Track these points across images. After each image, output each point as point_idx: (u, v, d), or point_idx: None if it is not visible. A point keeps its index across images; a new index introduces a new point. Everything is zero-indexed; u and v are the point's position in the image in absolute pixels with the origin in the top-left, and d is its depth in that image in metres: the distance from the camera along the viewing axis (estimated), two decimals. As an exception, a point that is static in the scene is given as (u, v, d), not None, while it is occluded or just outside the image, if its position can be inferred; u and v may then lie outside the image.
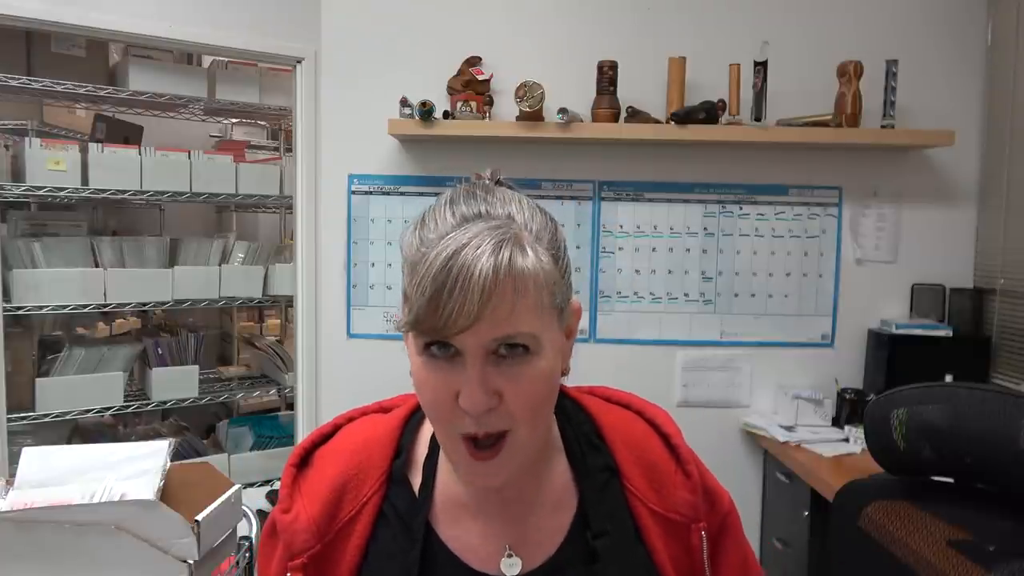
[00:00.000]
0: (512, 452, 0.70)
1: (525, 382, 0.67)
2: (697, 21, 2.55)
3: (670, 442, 0.83)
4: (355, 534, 0.76)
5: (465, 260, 0.63)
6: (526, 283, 0.66)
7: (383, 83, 2.53)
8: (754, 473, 2.63)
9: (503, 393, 0.67)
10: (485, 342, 0.65)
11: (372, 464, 0.79)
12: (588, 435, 0.82)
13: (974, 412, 1.17)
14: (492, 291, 0.63)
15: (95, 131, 3.14)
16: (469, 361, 0.66)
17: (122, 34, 2.42)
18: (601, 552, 0.75)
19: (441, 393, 0.68)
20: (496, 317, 0.64)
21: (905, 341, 2.44)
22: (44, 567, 0.96)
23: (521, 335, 0.66)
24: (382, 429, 0.82)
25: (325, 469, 0.79)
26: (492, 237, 0.65)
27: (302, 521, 0.76)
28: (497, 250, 0.64)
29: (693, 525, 0.79)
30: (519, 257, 0.65)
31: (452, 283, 0.63)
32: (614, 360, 2.59)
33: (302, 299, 2.67)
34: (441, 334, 0.65)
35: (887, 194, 2.59)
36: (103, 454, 1.10)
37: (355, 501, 0.77)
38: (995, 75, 2.53)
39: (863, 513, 1.27)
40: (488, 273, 0.63)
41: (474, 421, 0.67)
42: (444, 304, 0.63)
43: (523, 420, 0.69)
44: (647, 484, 0.79)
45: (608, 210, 2.60)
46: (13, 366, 2.48)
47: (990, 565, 1.04)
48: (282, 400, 3.66)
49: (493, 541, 0.77)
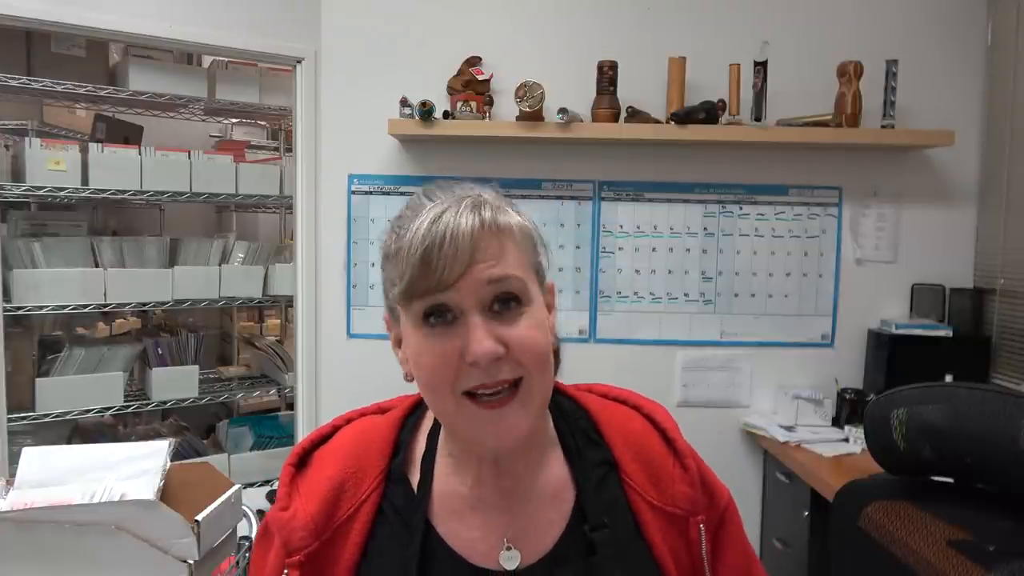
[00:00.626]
0: (527, 401, 0.71)
1: (525, 328, 0.71)
2: (697, 21, 2.55)
3: (667, 436, 0.84)
4: (353, 532, 0.76)
5: (449, 220, 0.69)
6: (511, 233, 0.73)
7: (383, 83, 2.53)
8: (754, 473, 2.63)
9: (507, 342, 0.69)
10: (480, 292, 0.69)
11: (370, 463, 0.79)
12: (585, 430, 0.83)
13: (974, 412, 1.17)
14: (480, 238, 0.69)
15: (95, 131, 3.14)
16: (469, 316, 0.69)
17: (122, 34, 2.42)
18: (599, 545, 0.76)
19: (444, 357, 0.70)
20: (487, 262, 0.69)
21: (905, 341, 2.44)
22: (44, 567, 0.96)
23: (513, 278, 0.71)
24: (379, 430, 0.83)
25: (323, 469, 0.80)
26: (469, 202, 0.71)
27: (300, 519, 0.76)
28: (477, 209, 0.71)
29: (692, 518, 0.80)
30: (499, 214, 0.73)
31: (441, 239, 0.68)
32: (614, 360, 2.59)
33: (302, 299, 2.67)
34: (437, 290, 0.69)
35: (887, 194, 2.59)
36: (103, 454, 1.10)
37: (353, 499, 0.77)
38: (995, 75, 2.53)
39: (863, 513, 1.27)
40: (475, 224, 0.69)
41: (483, 372, 0.69)
42: (436, 259, 0.68)
43: (533, 367, 0.71)
44: (646, 478, 0.80)
45: (608, 210, 2.60)
46: (13, 366, 2.48)
47: (990, 565, 1.04)
48: (282, 400, 3.66)
49: (491, 535, 0.77)
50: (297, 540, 0.76)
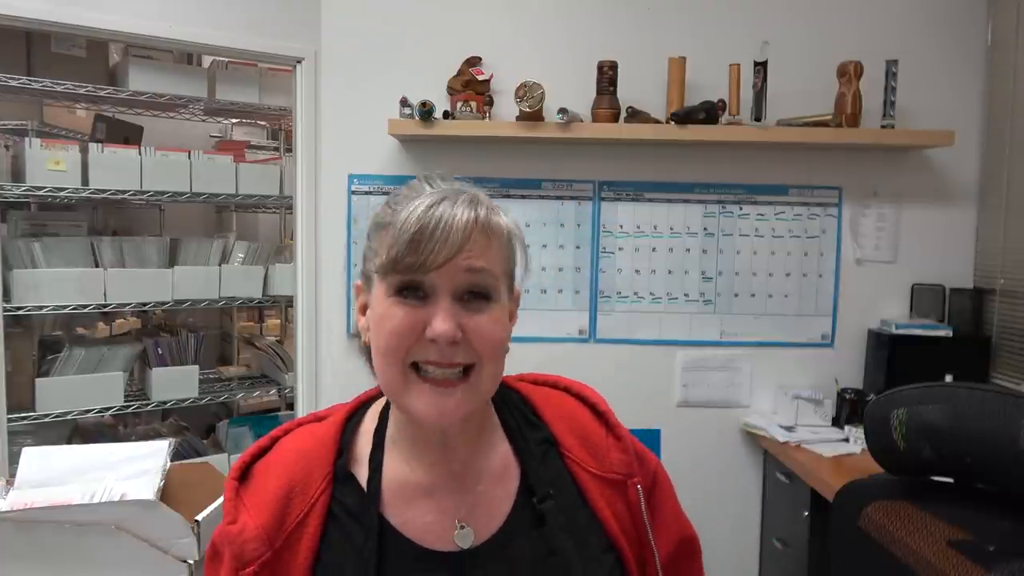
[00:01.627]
0: (475, 387, 0.76)
1: (486, 322, 0.75)
2: (697, 21, 2.55)
3: (598, 410, 0.90)
4: (306, 535, 0.77)
5: (446, 208, 0.74)
6: (498, 236, 0.77)
7: (383, 83, 2.53)
8: (754, 473, 2.63)
9: (466, 329, 0.74)
10: (457, 279, 0.74)
11: (315, 466, 0.81)
12: (524, 413, 0.89)
13: (974, 412, 1.17)
14: (471, 233, 0.73)
15: (95, 131, 3.14)
16: (440, 297, 0.74)
17: (122, 34, 2.42)
18: (547, 515, 0.81)
19: (407, 327, 0.74)
20: (471, 255, 0.74)
21: (905, 341, 2.44)
22: (44, 567, 0.96)
23: (488, 273, 0.75)
24: (320, 435, 0.84)
25: (267, 480, 0.81)
26: (466, 198, 0.76)
27: (250, 530, 0.77)
28: (473, 206, 0.75)
29: (629, 481, 0.85)
30: (492, 215, 0.77)
31: (436, 223, 0.72)
32: (614, 360, 2.59)
33: (302, 299, 2.67)
34: (420, 270, 0.73)
35: (887, 194, 2.59)
36: (103, 454, 1.11)
37: (302, 504, 0.79)
38: (995, 75, 2.53)
39: (863, 513, 1.27)
40: (470, 218, 0.74)
41: (439, 351, 0.74)
42: (427, 242, 0.72)
43: (486, 357, 0.76)
44: (583, 450, 0.86)
45: (608, 210, 2.60)
46: (13, 366, 2.48)
47: (990, 565, 1.04)
48: (282, 400, 3.66)
49: (444, 517, 0.80)
50: (249, 552, 0.76)
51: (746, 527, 2.61)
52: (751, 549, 2.62)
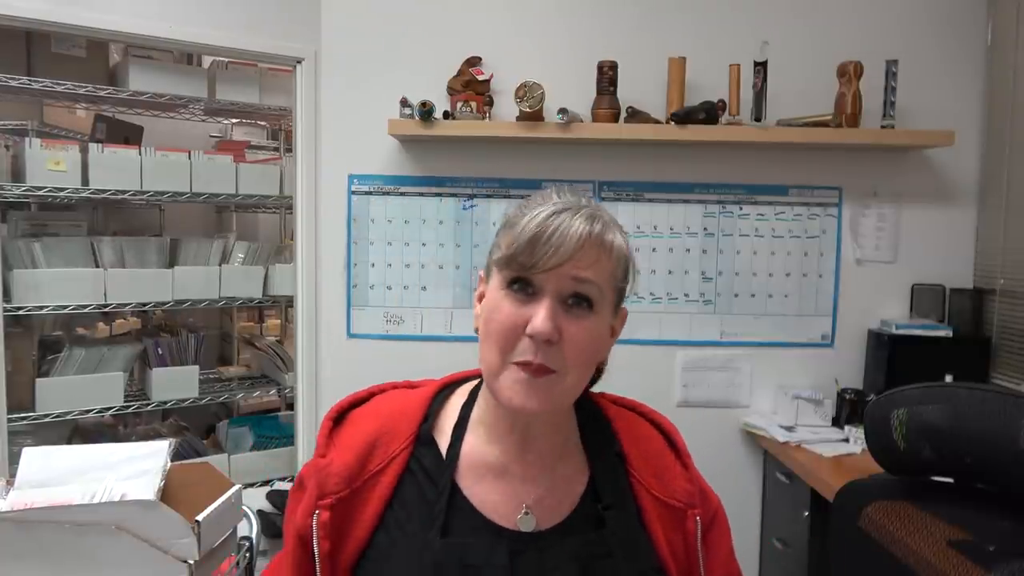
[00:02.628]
0: (554, 389, 0.81)
1: (583, 330, 0.80)
2: (697, 21, 2.55)
3: (671, 439, 0.95)
4: (381, 484, 0.84)
5: (565, 219, 0.80)
6: (610, 252, 0.82)
7: (383, 83, 2.53)
8: (754, 473, 2.63)
9: (563, 333, 0.79)
10: (563, 284, 0.79)
11: (402, 425, 0.88)
12: (601, 428, 0.93)
13: (974, 412, 1.17)
14: (584, 244, 0.79)
15: (95, 131, 3.14)
16: (546, 297, 0.79)
17: (122, 34, 2.42)
18: (608, 520, 0.85)
19: (512, 319, 0.80)
20: (579, 265, 0.79)
21: (905, 341, 2.44)
22: (44, 567, 0.96)
23: (593, 284, 0.80)
24: (413, 398, 0.91)
25: (359, 426, 0.88)
26: (587, 212, 0.82)
27: (336, 466, 0.84)
28: (591, 221, 0.81)
29: (689, 511, 0.88)
30: (607, 232, 0.82)
31: (553, 231, 0.78)
32: (614, 360, 2.58)
33: (302, 299, 2.67)
34: (532, 270, 0.79)
35: (887, 194, 2.59)
36: (103, 454, 1.10)
37: (384, 455, 0.85)
38: (995, 75, 2.53)
39: (863, 513, 1.27)
40: (584, 231, 0.79)
41: (533, 348, 0.78)
42: (542, 245, 0.78)
43: (572, 366, 0.81)
44: (650, 472, 0.89)
45: (608, 210, 2.59)
46: (13, 366, 2.48)
47: (990, 565, 1.04)
48: (282, 400, 3.66)
49: (512, 500, 0.85)
50: (332, 485, 0.83)
51: (746, 527, 2.61)
52: (751, 549, 2.62)
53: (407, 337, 2.60)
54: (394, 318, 2.61)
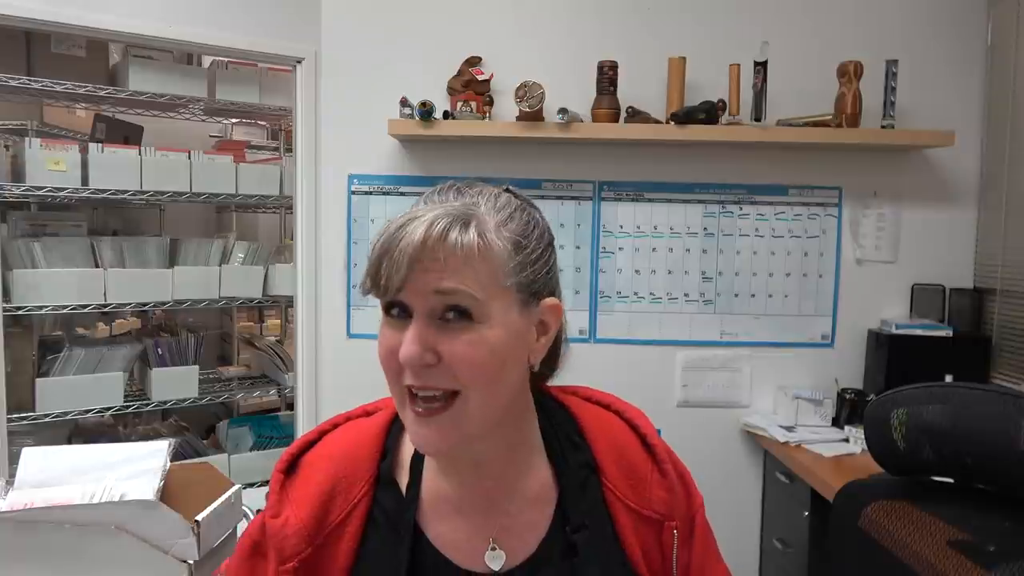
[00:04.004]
0: (457, 418, 0.71)
1: (462, 344, 0.70)
2: (697, 21, 2.55)
3: (647, 441, 0.86)
4: (346, 536, 0.77)
5: (406, 230, 0.69)
6: (459, 254, 0.69)
7: (383, 83, 2.53)
8: (754, 473, 2.63)
9: (441, 353, 0.70)
10: (430, 300, 0.70)
11: (359, 467, 0.80)
12: (569, 433, 0.85)
13: (974, 412, 1.17)
14: (420, 256, 0.68)
15: (95, 131, 3.14)
16: (415, 319, 0.70)
17: (122, 34, 2.42)
18: (580, 546, 0.78)
19: (389, 346, 0.72)
20: (430, 276, 0.69)
21: (905, 341, 2.44)
22: (44, 567, 0.96)
23: (463, 292, 0.69)
24: (367, 433, 0.83)
25: (313, 475, 0.80)
26: (437, 214, 0.70)
27: (292, 526, 0.77)
28: (434, 223, 0.69)
29: (666, 523, 0.82)
30: (455, 232, 0.70)
31: (392, 247, 0.69)
32: (614, 360, 2.59)
33: (302, 299, 2.67)
34: (386, 294, 0.71)
35: (887, 194, 2.59)
36: (103, 454, 1.10)
37: (344, 504, 0.78)
38: (995, 75, 2.53)
39: (863, 513, 1.27)
40: (419, 239, 0.68)
41: (412, 374, 0.71)
42: (384, 265, 0.69)
43: (471, 385, 0.71)
44: (625, 482, 0.82)
45: (608, 210, 2.60)
46: (13, 366, 2.48)
47: (990, 565, 1.04)
48: (282, 400, 3.66)
49: (476, 536, 0.79)
50: (290, 547, 0.76)
51: (746, 527, 2.61)
52: (751, 549, 2.62)
53: (407, 337, 2.59)
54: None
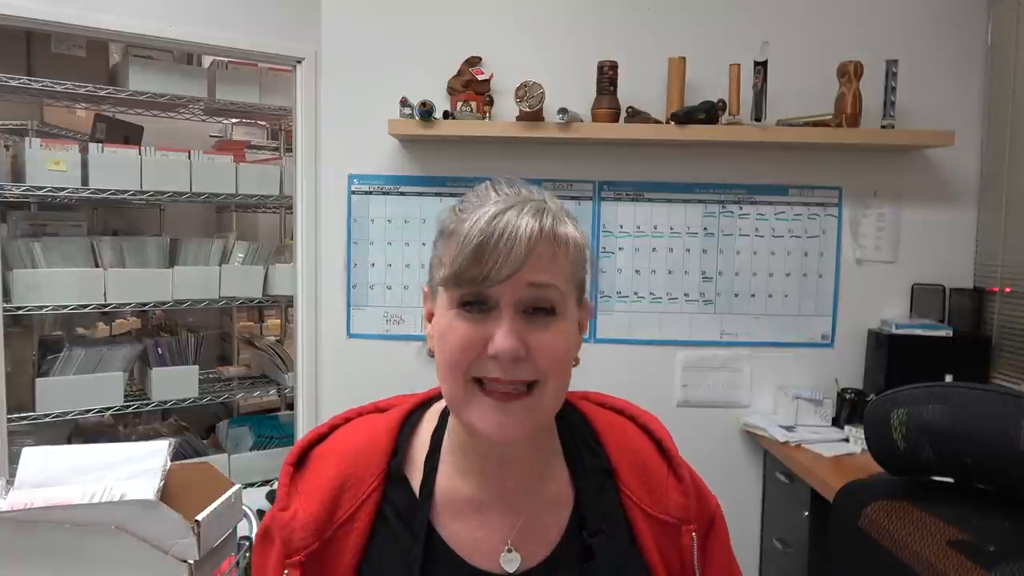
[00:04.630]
0: (536, 405, 0.73)
1: (550, 337, 0.72)
2: (697, 21, 2.55)
3: (662, 446, 0.86)
4: (354, 532, 0.77)
5: (510, 220, 0.70)
6: (565, 247, 0.74)
7: (383, 83, 2.53)
8: (754, 473, 2.63)
9: (530, 345, 0.71)
10: (520, 293, 0.71)
11: (370, 463, 0.80)
12: (585, 438, 0.85)
13: (974, 412, 1.17)
14: (536, 244, 0.70)
15: (95, 131, 3.14)
16: (504, 311, 0.71)
17: (122, 34, 2.42)
18: (596, 550, 0.78)
19: (470, 341, 0.72)
20: (535, 268, 0.70)
21: (905, 341, 2.44)
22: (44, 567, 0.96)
23: (554, 287, 0.72)
24: (379, 429, 0.83)
25: (322, 469, 0.80)
26: (533, 206, 0.73)
27: (300, 519, 0.77)
28: (539, 215, 0.72)
29: (684, 527, 0.82)
30: (559, 224, 0.74)
31: (499, 237, 0.69)
32: (614, 360, 2.59)
33: (302, 299, 2.67)
34: (483, 284, 0.70)
35: (887, 194, 2.59)
36: (103, 454, 1.10)
37: (353, 499, 0.78)
38: (995, 75, 2.53)
39: (863, 513, 1.27)
40: (534, 229, 0.70)
41: (501, 367, 0.71)
42: (490, 254, 0.69)
43: (551, 375, 0.73)
44: (641, 486, 0.82)
45: (608, 210, 2.60)
46: (13, 366, 2.48)
47: (990, 565, 1.04)
48: (282, 400, 3.66)
49: (493, 536, 0.78)
50: (297, 540, 0.76)
51: (746, 527, 2.61)
52: (751, 549, 2.62)
53: (407, 337, 2.59)
54: (394, 318, 2.61)
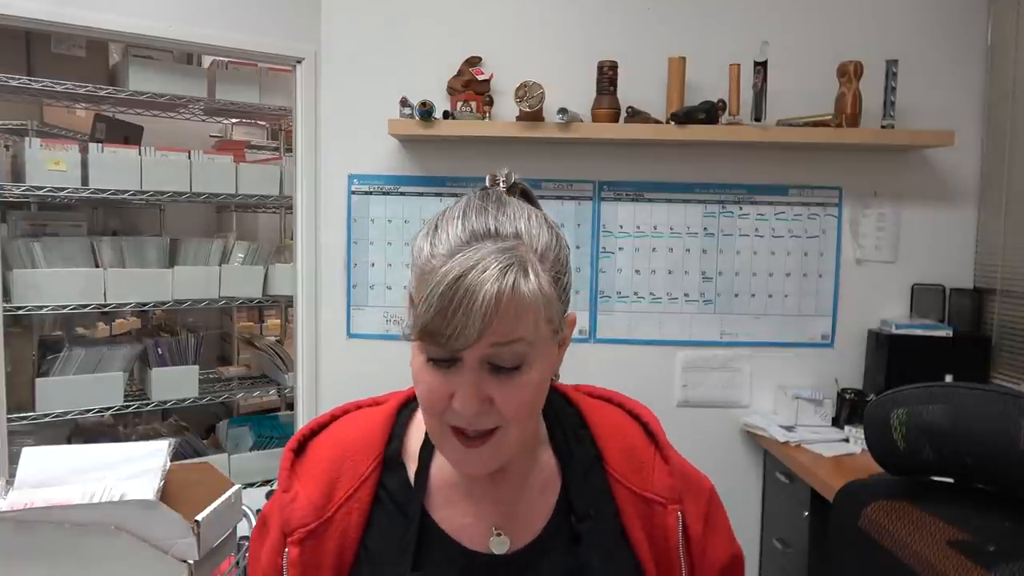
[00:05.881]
0: (499, 446, 0.75)
1: (515, 391, 0.73)
2: (697, 21, 2.55)
3: (649, 429, 0.89)
4: (352, 514, 0.80)
5: (472, 282, 0.67)
6: (526, 307, 0.70)
7: (383, 83, 2.53)
8: (754, 473, 2.63)
9: (494, 399, 0.73)
10: (485, 352, 0.71)
11: (366, 450, 0.83)
12: (573, 426, 0.88)
13: (974, 412, 1.17)
14: (494, 315, 0.67)
15: (95, 131, 3.14)
16: (466, 370, 0.71)
17: (122, 34, 2.42)
18: (584, 535, 0.81)
19: (437, 392, 0.73)
20: (497, 331, 0.69)
21: (905, 341, 2.44)
22: (44, 567, 0.96)
23: (521, 343, 0.71)
24: (375, 419, 0.87)
25: (321, 454, 0.84)
26: (498, 261, 0.69)
27: (301, 500, 0.80)
28: (502, 275, 0.68)
29: (670, 506, 0.84)
30: (522, 282, 0.69)
31: (458, 303, 0.67)
32: (614, 360, 2.59)
33: (302, 299, 2.67)
34: (443, 349, 0.70)
35: (887, 194, 2.59)
36: (103, 454, 1.10)
37: (350, 483, 0.81)
38: (995, 75, 2.53)
39: (863, 513, 1.26)
40: (491, 298, 0.67)
41: (464, 420, 0.73)
42: (448, 322, 0.68)
43: (513, 421, 0.74)
44: (628, 467, 0.85)
45: (608, 210, 2.60)
46: (13, 366, 2.48)
47: (990, 565, 1.04)
48: (282, 400, 3.66)
49: (482, 521, 0.82)
50: (297, 519, 0.79)
51: (746, 527, 2.61)
52: (751, 549, 2.62)
53: (407, 337, 2.59)
54: (394, 318, 2.61)
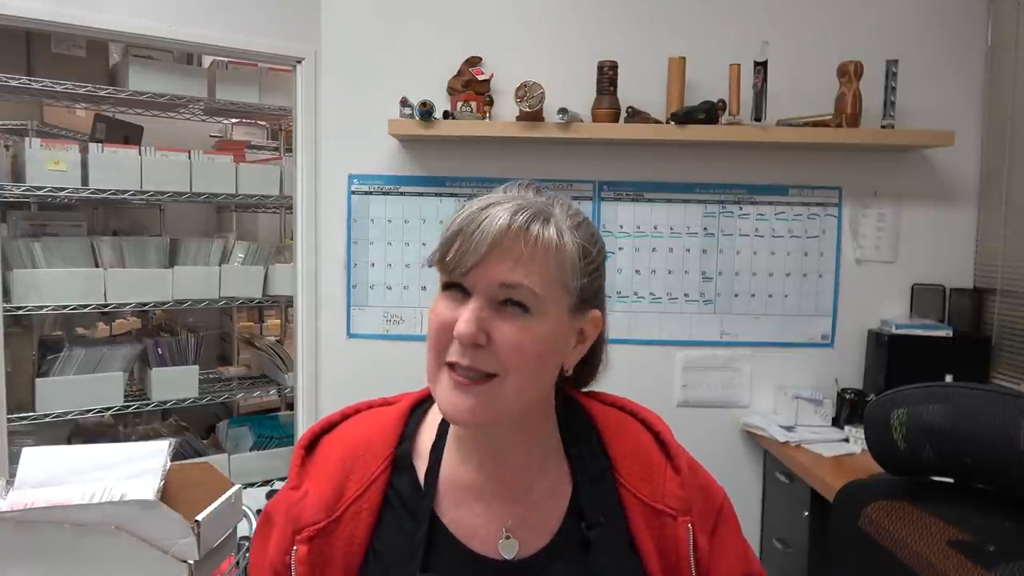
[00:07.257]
0: (492, 394, 0.74)
1: (514, 331, 0.73)
2: (697, 21, 2.55)
3: (661, 439, 0.88)
4: (362, 514, 0.79)
5: (489, 213, 0.73)
6: (536, 247, 0.73)
7: (383, 83, 2.53)
8: (754, 473, 2.63)
9: (492, 335, 0.73)
10: (492, 286, 0.73)
11: (376, 450, 0.83)
12: (586, 433, 0.87)
13: (974, 412, 1.17)
14: (500, 241, 0.72)
15: (95, 131, 3.14)
16: (473, 299, 0.74)
17: (122, 34, 2.42)
18: (594, 542, 0.80)
19: (444, 320, 0.75)
20: (501, 266, 0.72)
21: (905, 341, 2.44)
22: (44, 567, 0.96)
23: (523, 288, 0.73)
24: (386, 419, 0.86)
25: (331, 453, 0.84)
26: (520, 204, 0.74)
27: (311, 497, 0.80)
28: (522, 213, 0.73)
29: (680, 518, 0.83)
30: (536, 225, 0.74)
31: (476, 226, 0.72)
32: (614, 360, 2.57)
33: (302, 299, 2.67)
34: (453, 273, 0.74)
35: (887, 194, 2.59)
36: (103, 454, 1.11)
37: (360, 483, 0.80)
38: (995, 75, 2.53)
39: (863, 513, 1.27)
40: (503, 225, 0.72)
41: (460, 351, 0.74)
42: (459, 244, 0.72)
43: (510, 369, 0.74)
44: (639, 477, 0.84)
45: (608, 210, 2.60)
46: (13, 366, 2.48)
47: (990, 565, 1.04)
48: (282, 400, 3.66)
49: (492, 524, 0.81)
50: (308, 516, 0.79)
51: (746, 527, 2.58)
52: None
53: (407, 337, 2.59)
54: (394, 318, 2.61)
